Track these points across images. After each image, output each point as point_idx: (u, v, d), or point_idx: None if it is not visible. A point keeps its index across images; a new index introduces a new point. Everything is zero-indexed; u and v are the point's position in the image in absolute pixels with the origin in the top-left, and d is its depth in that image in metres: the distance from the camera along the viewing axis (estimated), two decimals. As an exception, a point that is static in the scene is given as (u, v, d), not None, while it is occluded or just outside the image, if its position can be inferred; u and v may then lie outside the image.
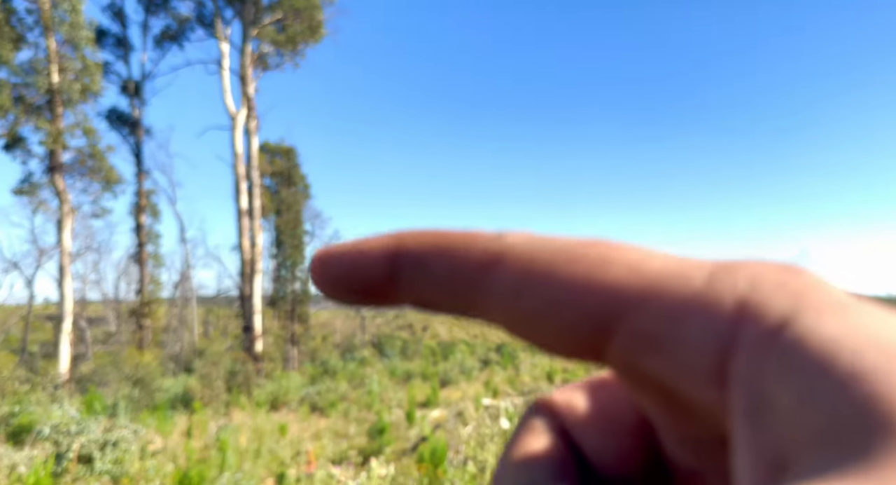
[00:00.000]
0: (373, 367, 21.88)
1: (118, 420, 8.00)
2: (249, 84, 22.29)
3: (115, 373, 15.96)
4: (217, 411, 13.33)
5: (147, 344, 25.35)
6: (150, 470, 6.28)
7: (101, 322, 48.35)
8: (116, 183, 21.89)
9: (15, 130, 19.15)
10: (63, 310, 19.86)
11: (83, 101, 20.41)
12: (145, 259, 26.05)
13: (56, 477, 6.53)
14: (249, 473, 6.63)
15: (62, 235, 20.05)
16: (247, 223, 21.93)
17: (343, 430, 10.59)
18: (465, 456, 6.21)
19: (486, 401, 10.74)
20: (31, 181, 20.52)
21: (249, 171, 22.20)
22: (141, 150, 26.34)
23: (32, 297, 38.90)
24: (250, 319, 21.35)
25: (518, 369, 18.90)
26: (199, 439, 9.50)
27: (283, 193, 34.34)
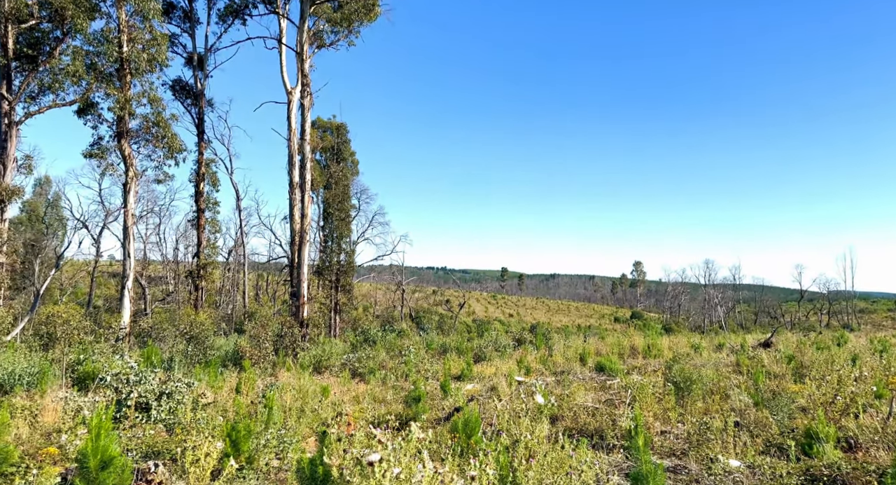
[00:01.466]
0: (410, 339, 22.35)
1: (173, 373, 8.51)
2: (305, 60, 22.65)
3: (172, 329, 16.88)
4: (264, 371, 14.01)
5: (202, 304, 26.65)
6: (201, 421, 6.69)
7: (161, 282, 50.97)
8: (179, 151, 22.86)
9: (87, 96, 20.23)
10: (126, 268, 21.08)
11: (150, 71, 21.29)
12: (203, 225, 27.23)
13: (116, 422, 7.06)
14: (293, 430, 7.02)
15: (127, 198, 21.20)
16: (298, 195, 22.53)
17: (381, 396, 10.97)
18: (499, 428, 6.39)
19: (520, 378, 10.88)
20: (100, 145, 21.66)
21: (302, 145, 22.71)
22: (202, 120, 27.32)
23: (99, 254, 41.37)
24: (298, 287, 22.11)
25: (551, 349, 18.89)
26: (247, 395, 10.05)
27: (333, 167, 34.98)
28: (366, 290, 73.05)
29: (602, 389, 11.20)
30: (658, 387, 8.78)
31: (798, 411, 8.01)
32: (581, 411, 8.43)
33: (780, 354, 14.80)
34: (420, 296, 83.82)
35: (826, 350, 15.28)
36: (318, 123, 35.79)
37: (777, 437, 6.91)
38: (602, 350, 18.66)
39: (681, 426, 7.65)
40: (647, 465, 4.42)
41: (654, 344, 18.56)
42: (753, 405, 8.39)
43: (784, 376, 11.68)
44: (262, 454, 5.88)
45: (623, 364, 14.79)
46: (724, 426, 6.69)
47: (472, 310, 78.06)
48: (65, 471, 4.87)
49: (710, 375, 11.04)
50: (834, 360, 11.90)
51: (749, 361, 13.76)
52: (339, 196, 34.93)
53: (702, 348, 18.48)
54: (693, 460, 6.06)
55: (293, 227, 22.57)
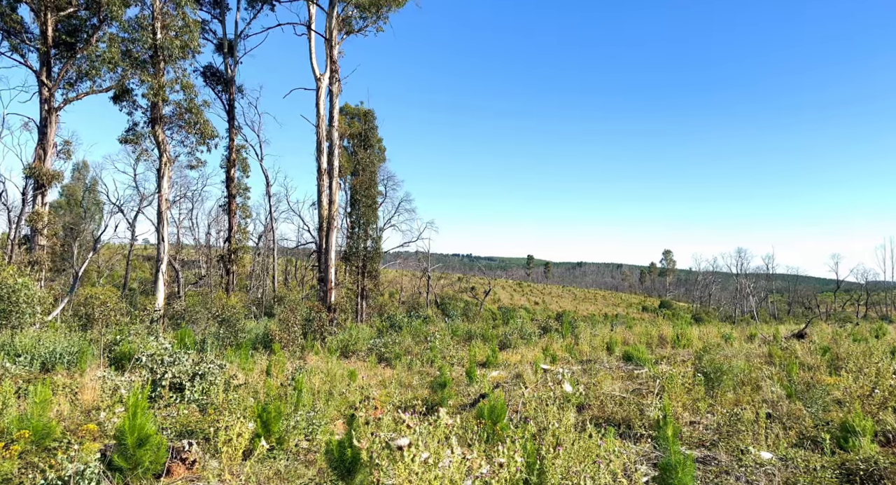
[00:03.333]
0: (436, 325, 22.47)
1: (206, 355, 8.72)
2: (334, 47, 22.67)
3: (204, 312, 17.29)
4: (293, 354, 14.27)
5: (233, 288, 27.23)
6: (233, 402, 6.85)
7: (193, 265, 52.21)
8: (211, 137, 23.23)
9: (123, 83, 20.66)
10: (160, 252, 21.63)
11: (182, 58, 21.61)
12: (234, 210, 27.71)
13: (151, 401, 7.29)
14: (321, 412, 7.14)
15: (161, 183, 21.68)
16: (325, 182, 22.72)
17: (407, 381, 11.08)
18: (526, 416, 6.40)
19: (545, 366, 10.85)
20: (135, 131, 22.15)
21: (330, 131, 22.83)
22: (233, 106, 27.68)
23: (134, 238, 42.51)
24: (326, 272, 22.38)
25: (577, 338, 18.76)
26: (277, 377, 10.26)
27: (360, 154, 35.11)
28: (392, 276, 73.60)
29: (629, 378, 11.09)
30: (687, 377, 8.65)
31: (833, 404, 7.81)
32: (608, 400, 8.37)
33: (815, 345, 14.43)
34: (445, 283, 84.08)
35: (863, 342, 14.83)
36: (346, 109, 35.91)
37: (811, 430, 6.75)
38: (629, 339, 18.46)
39: (710, 417, 7.54)
40: (677, 455, 4.37)
41: (684, 334, 18.28)
42: (786, 397, 8.21)
43: (818, 368, 11.40)
44: (291, 435, 6.00)
45: (651, 354, 14.62)
46: (755, 418, 6.56)
47: (498, 297, 78.01)
48: (104, 447, 5.05)
49: (741, 365, 10.83)
50: (872, 352, 11.55)
51: (782, 353, 13.46)
52: (366, 183, 35.09)
53: (733, 339, 18.13)
54: (723, 451, 5.97)
55: (321, 213, 22.79)
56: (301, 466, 5.43)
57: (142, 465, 4.69)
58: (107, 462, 4.70)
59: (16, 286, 12.09)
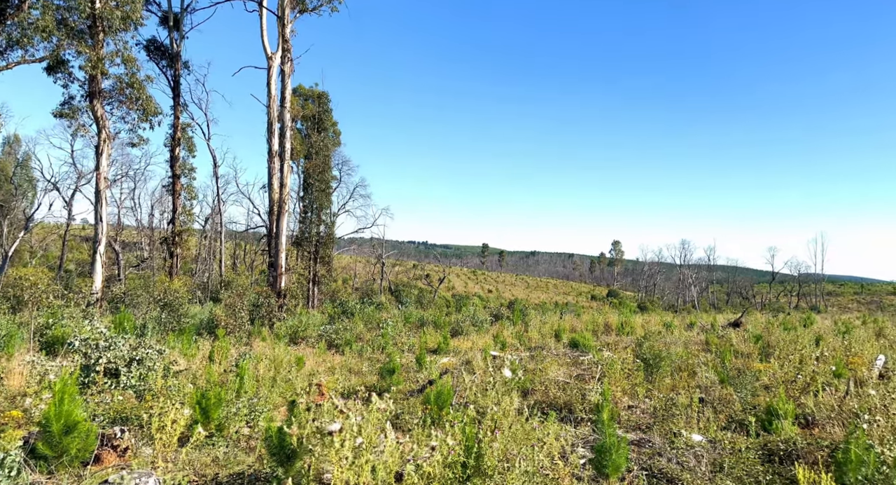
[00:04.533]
0: (389, 312, 22.42)
1: (145, 340, 8.40)
2: (287, 25, 22.00)
3: (146, 296, 16.65)
4: (239, 340, 13.94)
5: (177, 272, 26.29)
6: (172, 388, 6.64)
7: (135, 247, 50.10)
8: (154, 114, 22.20)
9: (58, 53, 19.42)
10: (98, 232, 20.63)
11: (124, 30, 20.49)
12: (179, 191, 26.68)
13: (83, 387, 6.97)
14: (265, 398, 7.02)
15: (100, 161, 20.61)
16: (277, 164, 22.14)
17: (357, 367, 11.02)
18: (468, 400, 6.48)
19: (494, 353, 11.01)
20: (71, 105, 20.92)
21: (282, 113, 22.23)
22: (178, 83, 26.52)
23: (71, 218, 40.40)
24: (276, 257, 21.91)
25: (528, 325, 19.13)
26: (220, 364, 10.00)
27: (314, 137, 34.39)
28: (346, 262, 72.84)
29: (574, 364, 11.39)
30: (628, 363, 8.95)
31: (761, 389, 8.25)
32: (552, 385, 8.57)
33: (749, 333, 15.20)
34: (400, 270, 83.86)
35: (793, 331, 15.72)
36: (300, 90, 35.04)
37: (739, 413, 7.12)
38: (577, 327, 18.95)
39: (648, 402, 7.83)
40: (612, 438, 4.51)
41: (628, 322, 18.91)
42: (719, 383, 8.61)
43: (751, 355, 12.00)
44: (232, 422, 5.87)
45: (596, 341, 15.05)
46: (689, 402, 6.86)
47: (452, 285, 78.44)
48: (28, 434, 4.81)
49: (679, 352, 11.30)
50: (799, 340, 12.26)
51: (718, 340, 14.10)
52: (320, 166, 34.45)
53: (674, 327, 18.87)
54: (657, 434, 6.22)
55: (272, 196, 22.24)
56: (241, 452, 5.33)
57: (68, 453, 4.49)
58: (30, 450, 4.47)
59: (-65, 266, 11.30)
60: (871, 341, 13.15)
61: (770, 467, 5.16)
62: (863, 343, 12.25)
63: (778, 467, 5.16)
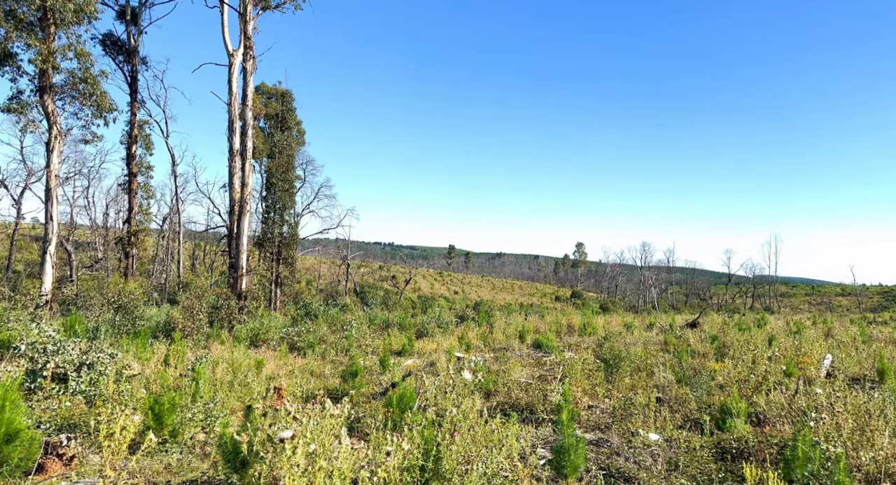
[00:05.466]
0: (354, 314, 22.21)
1: (97, 344, 8.08)
2: (249, 22, 21.58)
3: (99, 298, 16.05)
4: (197, 343, 13.56)
5: (133, 273, 25.45)
6: (124, 394, 6.40)
7: (89, 247, 48.25)
8: (109, 110, 21.42)
9: (5, 46, 18.51)
10: (48, 232, 19.78)
11: (77, 23, 19.71)
12: (135, 189, 25.85)
13: (28, 393, 6.67)
14: (221, 403, 6.84)
15: (50, 158, 19.78)
16: (238, 163, 21.68)
17: (319, 370, 10.86)
18: (429, 403, 6.45)
19: (459, 354, 11.02)
20: (20, 100, 19.99)
21: (244, 111, 21.78)
22: (136, 79, 25.71)
23: (20, 216, 38.63)
24: (237, 258, 21.44)
25: (493, 326, 19.24)
26: (176, 368, 9.70)
27: (277, 136, 33.82)
28: (310, 263, 71.86)
29: (538, 365, 11.50)
30: (589, 364, 9.08)
31: (716, 388, 8.49)
32: (515, 386, 8.63)
33: (706, 334, 15.63)
34: (366, 271, 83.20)
35: (747, 331, 16.25)
36: (262, 88, 34.42)
37: (695, 412, 7.30)
38: (541, 328, 19.15)
39: (607, 401, 7.96)
40: (570, 438, 4.56)
41: (590, 323, 19.21)
42: (676, 382, 8.83)
43: (707, 355, 12.35)
44: (187, 428, 5.71)
45: (560, 341, 15.24)
46: (647, 402, 7.01)
47: (418, 286, 78.27)
48: (-35, 445, 4.56)
49: (638, 353, 11.53)
50: (752, 340, 12.67)
51: (676, 341, 14.46)
52: (283, 166, 33.88)
53: (634, 327, 19.28)
54: (615, 434, 6.32)
55: (233, 196, 21.75)
56: (195, 459, 5.19)
57: (9, 462, 4.28)
58: (-33, 462, 4.24)
59: None
60: (820, 341, 13.70)
61: (723, 465, 5.31)
62: (812, 343, 12.75)
63: (730, 465, 5.32)
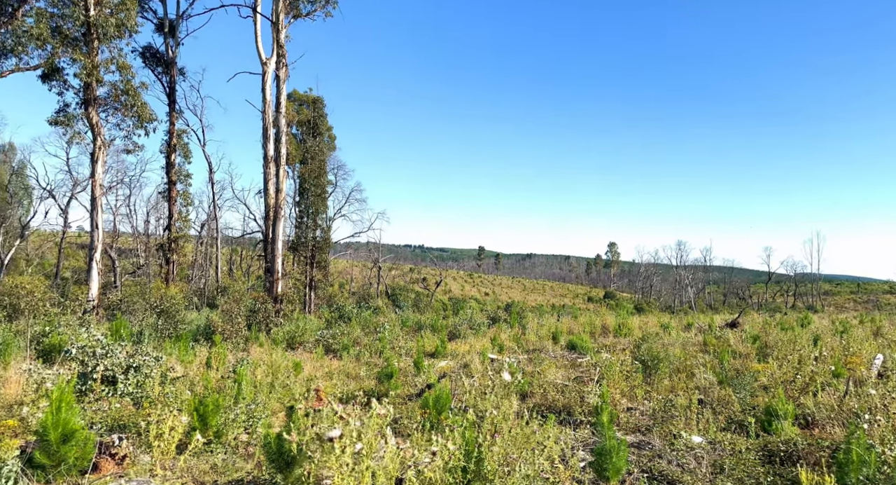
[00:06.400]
0: (386, 316, 22.37)
1: (142, 347, 8.35)
2: (281, 30, 22.00)
3: (142, 303, 16.57)
4: (236, 346, 13.89)
5: (173, 278, 26.19)
6: (169, 395, 6.60)
7: (131, 254, 49.90)
8: (149, 120, 22.14)
9: (53, 61, 19.36)
10: (94, 240, 20.54)
11: (118, 37, 20.45)
12: (174, 197, 26.61)
13: (80, 395, 6.92)
14: (263, 404, 6.98)
15: (95, 168, 20.55)
16: (272, 170, 22.11)
17: (354, 372, 10.99)
18: (466, 404, 6.46)
19: (493, 356, 10.99)
20: (66, 112, 20.85)
21: (277, 118, 22.21)
22: (174, 89, 26.49)
23: (67, 225, 40.25)
24: (272, 262, 21.86)
25: (525, 328, 19.12)
26: (217, 370, 9.95)
27: (309, 142, 34.38)
28: (342, 267, 72.74)
29: (573, 366, 11.39)
30: (626, 365, 8.95)
31: (760, 390, 8.26)
32: (551, 388, 8.56)
33: (746, 334, 15.22)
34: (397, 274, 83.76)
35: (790, 331, 15.75)
36: (295, 95, 35.04)
37: (739, 414, 7.12)
38: (574, 329, 18.95)
39: (647, 403, 7.83)
40: (611, 440, 4.51)
41: (625, 323, 18.92)
42: (718, 383, 8.62)
43: (748, 356, 12.02)
44: (230, 429, 5.84)
45: (594, 343, 15.06)
46: (688, 404, 6.86)
47: (449, 288, 78.41)
48: (25, 443, 4.77)
49: (677, 353, 11.31)
50: (796, 340, 12.28)
51: (716, 341, 14.12)
52: (316, 171, 34.41)
53: (671, 328, 18.90)
54: (657, 436, 6.22)
55: (267, 201, 22.20)
56: (239, 459, 5.31)
57: (66, 462, 4.45)
58: (27, 459, 4.43)
59: (-71, 275, 11.23)
60: (870, 341, 13.19)
61: (771, 468, 5.17)
62: (861, 343, 12.28)
63: (779, 468, 5.16)
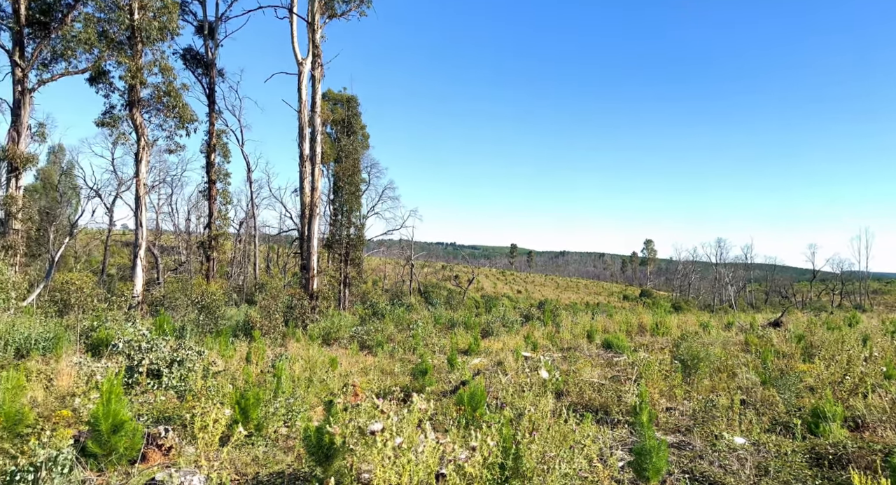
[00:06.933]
0: (419, 313, 22.49)
1: (184, 342, 8.62)
2: (317, 31, 22.30)
3: (184, 299, 17.06)
4: (274, 341, 14.19)
5: (213, 275, 26.90)
6: (211, 389, 6.79)
7: (173, 252, 51.50)
8: (190, 121, 22.78)
9: (99, 64, 20.11)
10: (138, 237, 21.26)
11: (161, 40, 21.10)
12: (214, 196, 27.31)
13: (127, 388, 7.19)
14: (301, 399, 7.11)
15: (139, 167, 21.26)
16: (308, 168, 22.46)
17: (389, 368, 11.08)
18: (503, 402, 6.44)
19: (526, 353, 10.93)
20: (112, 114, 21.63)
21: (313, 117, 22.53)
22: (213, 90, 27.16)
23: (112, 223, 41.77)
24: (308, 259, 22.21)
25: (559, 326, 18.93)
26: (257, 364, 10.19)
27: (343, 140, 34.79)
28: (375, 264, 73.44)
29: (608, 365, 11.23)
30: (665, 364, 8.78)
31: (805, 391, 7.99)
32: (587, 386, 8.46)
33: (790, 333, 14.74)
34: (429, 271, 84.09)
35: (837, 330, 15.18)
36: (329, 95, 35.49)
37: (783, 415, 6.90)
38: (610, 327, 18.68)
39: (686, 403, 7.67)
40: (651, 440, 4.43)
41: (663, 322, 18.55)
42: (760, 384, 8.37)
43: (793, 356, 11.64)
44: (270, 422, 5.97)
45: (630, 342, 14.81)
46: (730, 404, 6.69)
47: (481, 286, 78.29)
48: (78, 433, 4.98)
49: (717, 353, 11.03)
50: (844, 340, 11.82)
51: (758, 340, 13.72)
52: (350, 169, 34.81)
53: (711, 327, 18.44)
54: (697, 437, 6.08)
55: (303, 200, 22.56)
56: (279, 452, 5.42)
57: (116, 451, 4.63)
58: (80, 448, 4.63)
59: (-12, 271, 11.80)
60: (923, 341, 12.60)
61: (819, 472, 4.99)
62: (913, 343, 11.75)
63: (827, 472, 4.99)
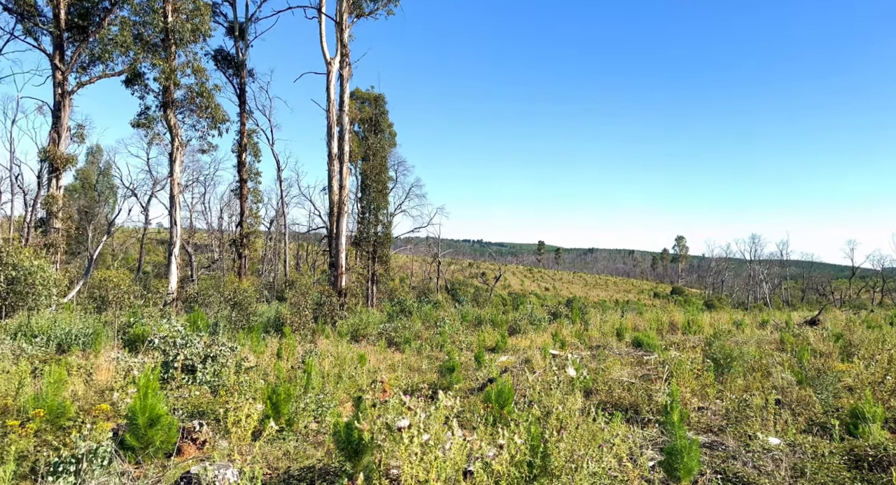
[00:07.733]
0: (446, 310, 22.54)
1: (218, 338, 8.83)
2: (345, 30, 22.49)
3: (217, 296, 17.45)
4: (304, 337, 14.41)
5: (245, 272, 27.44)
6: (243, 384, 6.94)
7: (206, 249, 52.70)
8: (222, 121, 23.27)
9: (135, 66, 20.68)
10: (173, 236, 21.82)
11: (193, 42, 21.59)
12: (246, 194, 27.83)
13: (163, 382, 7.40)
14: (331, 394, 7.22)
15: (173, 167, 21.80)
16: (336, 167, 22.69)
17: (416, 365, 11.15)
18: (531, 399, 6.41)
19: (554, 351, 10.86)
20: (147, 115, 22.23)
21: (341, 116, 22.75)
22: (244, 90, 27.66)
23: (147, 222, 42.94)
24: (337, 257, 22.47)
25: (587, 323, 18.73)
26: (287, 360, 10.37)
27: (371, 139, 35.03)
28: (402, 261, 73.85)
29: (638, 364, 11.08)
30: (697, 363, 8.62)
31: (844, 391, 7.76)
32: (616, 385, 8.37)
33: (828, 332, 14.30)
34: (456, 268, 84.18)
35: (877, 329, 14.66)
36: (357, 94, 35.76)
37: (820, 416, 6.71)
38: (639, 325, 18.42)
39: (719, 403, 7.52)
40: (682, 439, 4.36)
41: (695, 320, 18.20)
42: (796, 383, 8.16)
43: (830, 355, 11.30)
44: (301, 417, 6.08)
45: (661, 340, 14.58)
46: (764, 404, 6.53)
47: (508, 283, 78.04)
48: (116, 427, 5.14)
49: (751, 352, 10.78)
50: (885, 339, 11.43)
51: (794, 339, 13.36)
52: (377, 168, 35.05)
53: (744, 325, 18.02)
54: (731, 437, 5.96)
55: (331, 198, 22.82)
56: (310, 447, 5.51)
57: (153, 444, 4.78)
58: (119, 441, 4.78)
59: (32, 269, 12.28)
60: (970, 341, 12.08)
61: (857, 474, 4.84)
62: (960, 343, 11.27)
63: (867, 474, 4.83)
